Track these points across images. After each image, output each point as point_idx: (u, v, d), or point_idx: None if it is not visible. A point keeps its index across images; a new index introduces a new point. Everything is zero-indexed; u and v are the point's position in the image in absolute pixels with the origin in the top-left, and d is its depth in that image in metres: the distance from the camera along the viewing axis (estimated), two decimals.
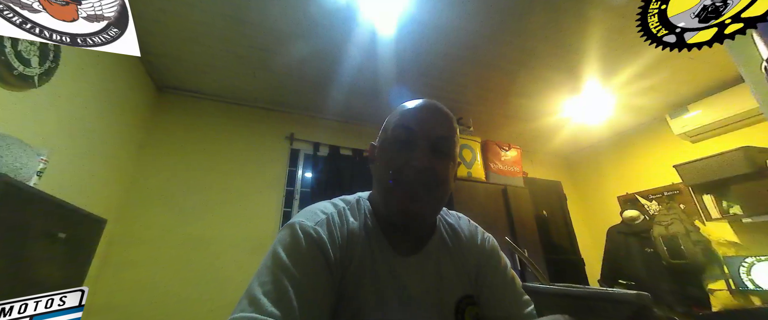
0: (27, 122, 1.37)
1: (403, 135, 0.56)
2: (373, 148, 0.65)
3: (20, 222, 1.05)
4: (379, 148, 0.61)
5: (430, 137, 0.56)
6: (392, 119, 0.61)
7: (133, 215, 2.11)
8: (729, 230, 2.48)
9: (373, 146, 0.65)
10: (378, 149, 0.62)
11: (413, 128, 0.56)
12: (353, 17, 1.81)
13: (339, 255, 0.52)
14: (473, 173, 2.57)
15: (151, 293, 1.98)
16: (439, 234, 0.64)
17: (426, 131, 0.56)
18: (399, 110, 0.62)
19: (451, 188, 0.58)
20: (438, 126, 0.57)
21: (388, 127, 0.61)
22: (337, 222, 0.56)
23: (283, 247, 0.49)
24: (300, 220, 0.53)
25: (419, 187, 0.54)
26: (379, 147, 0.62)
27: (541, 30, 1.95)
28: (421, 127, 0.56)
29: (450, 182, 0.58)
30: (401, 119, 0.59)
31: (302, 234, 0.51)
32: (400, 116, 0.60)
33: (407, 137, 0.56)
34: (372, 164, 0.64)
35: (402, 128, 0.57)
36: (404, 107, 0.61)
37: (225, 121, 2.60)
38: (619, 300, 0.25)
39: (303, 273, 0.46)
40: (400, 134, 0.57)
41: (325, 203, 0.61)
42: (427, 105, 0.60)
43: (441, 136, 0.56)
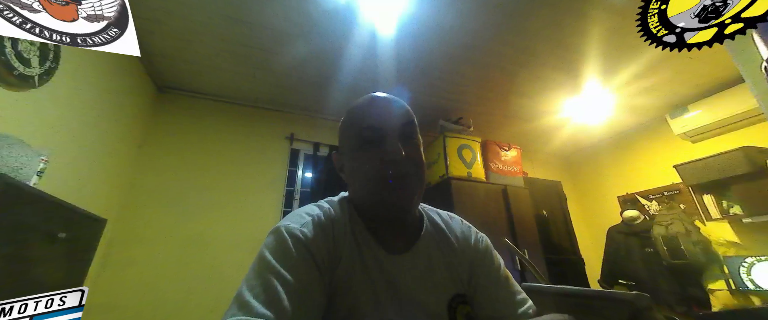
0: (27, 122, 1.37)
1: (369, 135, 0.56)
2: (338, 156, 0.65)
3: (20, 222, 1.05)
4: (347, 155, 0.61)
5: (395, 128, 0.56)
6: (350, 124, 0.60)
7: (133, 215, 2.11)
8: (729, 230, 2.48)
9: (338, 155, 0.65)
10: (346, 157, 0.62)
11: (376, 126, 0.56)
12: (353, 17, 1.81)
13: (327, 255, 0.52)
14: (473, 173, 2.57)
15: (151, 293, 1.98)
16: (429, 233, 0.64)
17: (390, 124, 0.56)
18: (352, 112, 0.61)
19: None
20: (398, 116, 0.58)
21: (349, 132, 0.60)
22: (323, 223, 0.56)
23: (271, 251, 0.49)
24: (286, 223, 0.54)
25: (403, 178, 0.54)
26: (347, 154, 0.61)
27: (541, 30, 1.95)
28: (384, 122, 0.56)
29: (423, 162, 0.59)
30: (361, 120, 0.58)
31: (288, 237, 0.51)
32: (357, 118, 0.59)
33: (374, 135, 0.56)
34: (341, 172, 0.65)
35: (366, 129, 0.57)
36: (357, 109, 0.61)
37: (225, 121, 2.60)
38: (619, 301, 0.25)
39: (292, 274, 0.46)
40: (366, 135, 0.56)
41: (310, 205, 0.61)
42: (379, 99, 0.60)
43: (404, 123, 0.57)
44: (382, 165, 0.54)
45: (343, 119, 0.63)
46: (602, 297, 0.25)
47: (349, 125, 0.61)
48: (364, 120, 0.58)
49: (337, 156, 0.65)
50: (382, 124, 0.56)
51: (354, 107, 0.61)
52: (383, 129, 0.56)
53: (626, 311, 0.25)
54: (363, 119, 0.58)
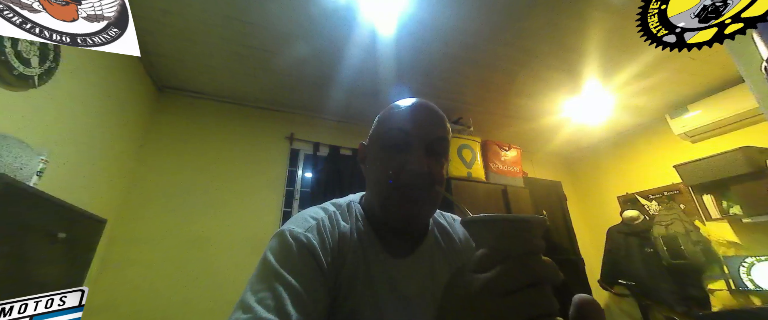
0: (27, 122, 1.37)
1: (397, 137, 0.55)
2: (363, 148, 0.64)
3: (20, 222, 1.05)
4: (372, 149, 0.60)
5: (426, 139, 0.55)
6: (385, 120, 0.59)
7: (133, 215, 2.11)
8: (729, 230, 2.48)
9: (364, 146, 0.64)
10: (370, 150, 0.61)
11: (408, 131, 0.55)
12: (353, 17, 1.81)
13: (330, 258, 0.52)
14: (473, 173, 2.57)
15: (151, 293, 1.98)
16: (432, 236, 0.64)
17: (422, 134, 0.55)
18: (391, 110, 0.60)
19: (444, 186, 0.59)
20: (433, 128, 0.56)
21: (380, 128, 0.59)
22: (327, 226, 0.55)
23: (274, 255, 0.49)
24: (290, 227, 0.53)
25: (417, 191, 0.53)
26: (372, 148, 0.60)
27: (541, 30, 1.95)
28: (417, 129, 0.55)
29: (444, 181, 0.57)
30: (395, 121, 0.57)
31: (293, 241, 0.50)
32: (393, 116, 0.58)
33: (402, 139, 0.55)
34: (363, 164, 0.64)
35: (396, 130, 0.56)
36: (397, 107, 0.59)
37: (225, 121, 2.60)
38: (537, 221, 0.29)
39: (296, 279, 0.46)
40: (395, 136, 0.55)
41: (315, 208, 0.61)
42: (421, 105, 0.58)
43: (436, 137, 0.56)
44: (400, 172, 0.53)
45: (381, 112, 0.62)
46: (524, 219, 0.29)
47: (383, 120, 0.60)
48: (397, 121, 0.57)
49: (363, 148, 0.64)
50: (413, 131, 0.55)
51: (394, 105, 0.60)
52: (412, 136, 0.54)
53: (542, 229, 0.29)
54: (396, 120, 0.57)
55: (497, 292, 0.26)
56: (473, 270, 0.29)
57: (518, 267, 0.27)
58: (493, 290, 0.26)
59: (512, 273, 0.27)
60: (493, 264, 0.28)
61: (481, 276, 0.28)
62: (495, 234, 0.30)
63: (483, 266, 0.28)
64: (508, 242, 0.29)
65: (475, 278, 0.28)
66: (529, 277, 0.27)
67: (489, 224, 0.30)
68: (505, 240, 0.29)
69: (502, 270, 0.27)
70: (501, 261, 0.28)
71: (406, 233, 0.60)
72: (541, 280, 0.27)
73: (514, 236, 0.29)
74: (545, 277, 0.27)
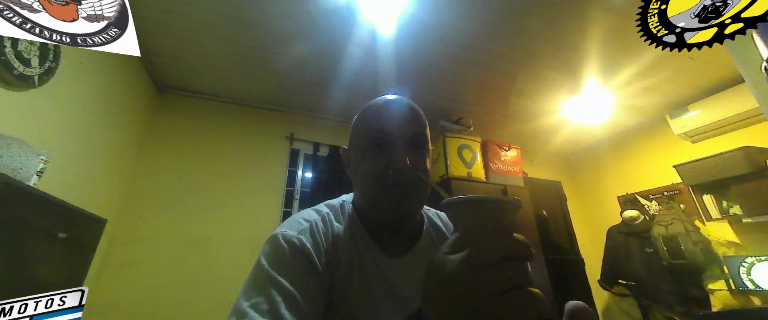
0: (27, 122, 1.37)
1: (377, 138, 0.55)
2: (346, 152, 0.64)
3: (20, 222, 1.05)
4: (354, 152, 0.60)
5: (405, 135, 0.55)
6: (361, 123, 0.60)
7: (133, 215, 2.11)
8: (729, 230, 2.48)
9: (347, 150, 0.64)
10: (352, 153, 0.61)
11: (387, 130, 0.55)
12: (353, 17, 1.81)
13: (325, 260, 0.52)
14: (473, 173, 2.57)
15: (151, 293, 1.98)
16: (428, 235, 0.64)
17: (400, 130, 0.55)
18: (366, 112, 0.60)
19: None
20: (410, 123, 0.57)
21: (359, 131, 0.59)
22: (320, 228, 0.55)
23: (268, 259, 0.49)
24: (282, 231, 0.53)
25: (404, 187, 0.54)
26: (354, 152, 0.60)
27: (541, 30, 1.95)
28: (394, 127, 0.55)
29: (429, 172, 0.58)
30: (372, 122, 0.57)
31: (285, 244, 0.50)
32: (369, 118, 0.58)
33: (382, 139, 0.55)
34: (348, 168, 0.64)
35: (375, 131, 0.56)
36: (371, 109, 0.59)
37: (225, 121, 2.60)
38: (512, 202, 0.30)
39: (291, 282, 0.46)
40: (375, 137, 0.56)
41: (308, 210, 0.61)
42: (395, 103, 0.59)
43: (415, 132, 0.56)
44: (385, 172, 0.53)
45: (357, 115, 0.62)
46: (495, 199, 0.30)
47: (360, 123, 0.60)
48: (375, 122, 0.57)
49: (346, 152, 0.65)
50: (391, 129, 0.55)
51: (368, 107, 0.60)
52: (392, 135, 0.55)
53: (515, 210, 0.31)
54: (374, 121, 0.57)
55: (471, 268, 0.27)
56: (448, 252, 0.30)
57: (490, 244, 0.28)
58: (467, 267, 0.27)
59: (485, 249, 0.28)
60: (466, 244, 0.29)
61: (455, 255, 0.29)
62: (469, 214, 0.31)
63: (457, 246, 0.30)
64: (481, 220, 0.30)
65: (449, 258, 0.29)
66: (501, 252, 0.28)
67: (462, 204, 0.32)
68: (478, 219, 0.30)
69: (474, 247, 0.28)
70: (473, 240, 0.29)
71: (401, 232, 0.60)
72: (513, 256, 0.28)
73: (485, 215, 0.30)
74: (517, 253, 0.28)
